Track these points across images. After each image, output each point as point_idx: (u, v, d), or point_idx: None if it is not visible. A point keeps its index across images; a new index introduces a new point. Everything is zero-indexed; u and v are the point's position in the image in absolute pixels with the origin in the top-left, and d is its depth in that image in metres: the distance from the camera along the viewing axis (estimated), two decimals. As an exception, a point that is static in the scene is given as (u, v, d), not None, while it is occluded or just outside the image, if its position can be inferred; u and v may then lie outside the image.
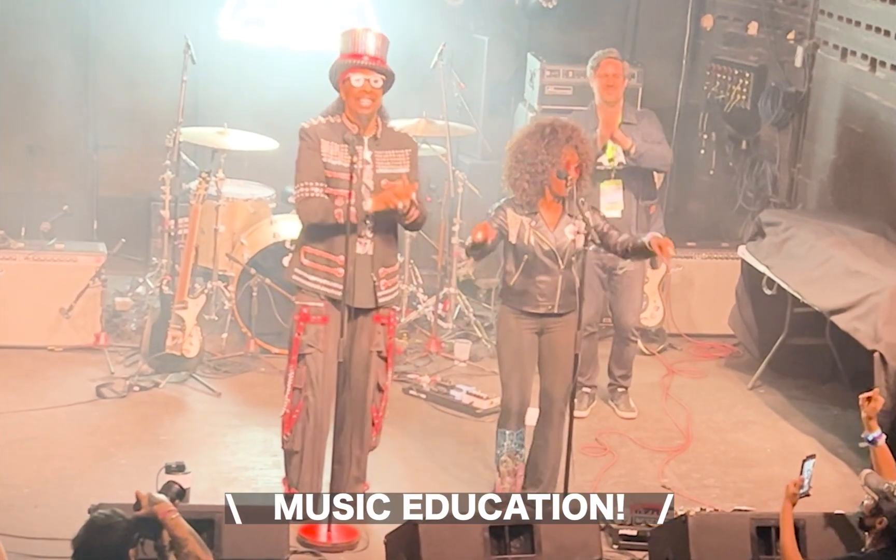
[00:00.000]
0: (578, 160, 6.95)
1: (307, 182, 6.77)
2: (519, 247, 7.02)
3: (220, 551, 6.02)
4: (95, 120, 10.38)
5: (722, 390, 9.19)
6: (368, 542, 6.79)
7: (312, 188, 6.75)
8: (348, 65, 6.74)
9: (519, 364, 7.12)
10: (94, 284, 8.86)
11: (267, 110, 9.89)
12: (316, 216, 6.77)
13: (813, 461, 5.94)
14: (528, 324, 7.08)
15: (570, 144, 6.93)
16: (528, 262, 7.01)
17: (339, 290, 6.76)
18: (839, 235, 8.57)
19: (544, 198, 7.00)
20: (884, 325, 7.69)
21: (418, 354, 9.26)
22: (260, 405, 8.28)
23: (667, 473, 7.87)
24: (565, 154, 6.93)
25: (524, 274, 7.04)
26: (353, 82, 6.73)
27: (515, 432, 7.22)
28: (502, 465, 7.26)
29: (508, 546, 6.22)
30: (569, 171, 6.89)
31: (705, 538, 6.33)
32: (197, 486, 6.89)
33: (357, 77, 6.73)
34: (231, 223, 9.20)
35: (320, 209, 6.75)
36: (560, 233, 7.01)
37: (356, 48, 6.76)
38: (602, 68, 8.34)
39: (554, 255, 7.00)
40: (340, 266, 6.76)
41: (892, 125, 8.96)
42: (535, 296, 7.04)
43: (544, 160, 6.94)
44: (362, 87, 6.73)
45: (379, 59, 6.77)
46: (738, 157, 10.71)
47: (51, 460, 7.42)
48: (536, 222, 7.00)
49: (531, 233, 7.00)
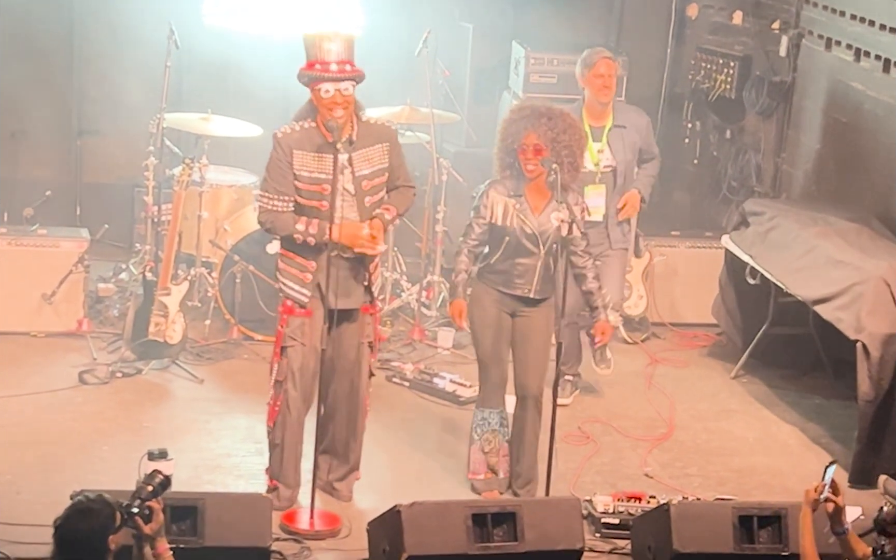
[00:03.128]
0: (538, 143, 6.90)
1: (270, 194, 6.74)
2: (501, 228, 7.01)
3: (203, 538, 6.03)
4: (79, 106, 10.34)
5: (705, 379, 9.20)
6: (351, 530, 6.79)
7: (275, 201, 6.73)
8: (316, 77, 6.63)
9: (495, 341, 7.12)
10: (77, 270, 8.83)
11: (251, 97, 9.88)
12: (274, 230, 6.82)
13: (834, 467, 5.94)
14: (501, 302, 7.09)
15: (533, 126, 6.90)
16: (510, 243, 7.02)
17: (307, 295, 6.77)
18: (823, 225, 8.58)
19: (531, 183, 6.99)
20: (867, 314, 7.70)
21: (402, 342, 9.25)
22: (243, 392, 8.26)
23: (649, 462, 7.88)
24: (525, 134, 6.92)
25: (504, 255, 7.04)
26: (322, 94, 6.63)
27: (496, 411, 7.23)
28: (485, 443, 7.25)
29: (491, 534, 6.23)
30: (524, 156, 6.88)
31: (687, 527, 6.35)
32: (179, 472, 6.88)
33: (327, 88, 6.62)
34: (214, 210, 9.18)
35: (278, 224, 6.75)
36: (545, 218, 7.00)
37: (322, 56, 6.61)
38: (597, 68, 8.25)
39: (536, 239, 6.99)
40: (310, 272, 6.76)
41: (876, 115, 8.97)
42: (514, 278, 7.04)
43: (509, 137, 6.99)
44: (332, 98, 6.62)
45: (347, 63, 6.64)
46: (722, 147, 10.72)
47: (33, 446, 7.39)
48: (521, 205, 7.00)
49: (515, 215, 6.99)
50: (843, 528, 5.91)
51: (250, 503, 6.32)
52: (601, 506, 6.98)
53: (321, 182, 6.68)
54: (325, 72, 6.61)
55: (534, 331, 7.12)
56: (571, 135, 6.99)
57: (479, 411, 7.29)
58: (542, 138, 6.90)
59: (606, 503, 6.99)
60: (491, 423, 7.25)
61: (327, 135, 6.65)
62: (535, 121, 6.94)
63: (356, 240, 6.72)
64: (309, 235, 6.67)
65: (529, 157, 6.92)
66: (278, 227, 6.78)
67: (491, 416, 7.24)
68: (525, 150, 6.93)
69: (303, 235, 6.68)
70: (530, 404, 7.18)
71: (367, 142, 6.81)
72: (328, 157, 6.64)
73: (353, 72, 6.66)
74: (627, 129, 8.40)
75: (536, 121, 6.94)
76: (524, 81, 10.02)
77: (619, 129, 8.37)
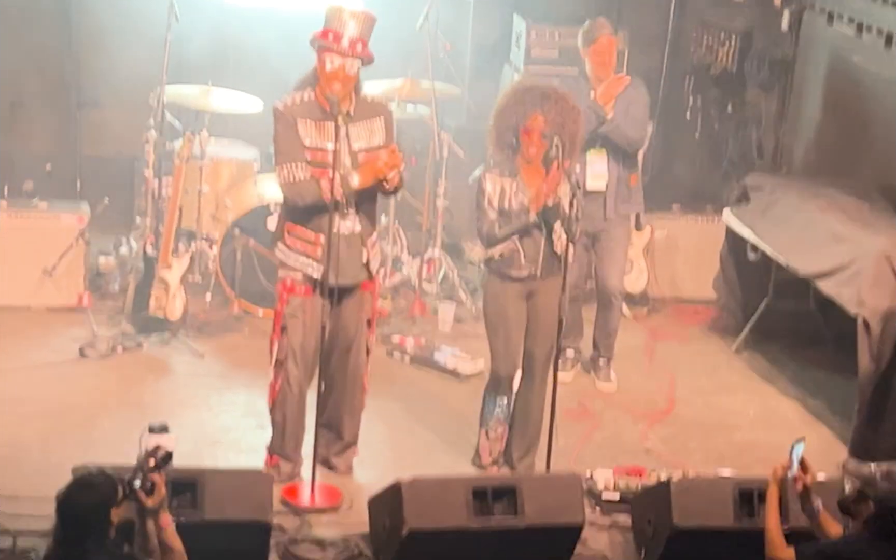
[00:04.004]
0: (544, 127, 6.86)
1: (289, 164, 6.68)
2: (501, 212, 6.98)
3: (204, 513, 6.03)
4: (79, 78, 10.30)
5: (705, 354, 9.20)
6: (352, 504, 6.80)
7: (296, 171, 6.67)
8: (325, 46, 6.62)
9: (506, 330, 7.10)
10: (78, 244, 8.82)
11: (252, 70, 9.84)
12: (304, 200, 6.71)
13: (802, 445, 5.93)
14: (513, 288, 7.06)
15: (538, 109, 6.86)
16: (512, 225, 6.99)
17: (317, 269, 6.74)
18: (824, 199, 8.57)
19: (528, 164, 6.95)
20: (868, 289, 7.69)
21: (402, 317, 9.24)
22: (243, 367, 8.26)
23: (650, 437, 7.88)
24: (530, 117, 6.87)
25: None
26: (327, 64, 6.62)
27: (505, 397, 7.22)
28: (491, 430, 7.25)
29: (492, 508, 6.23)
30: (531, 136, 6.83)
31: (688, 502, 6.35)
32: (180, 447, 6.80)
33: (332, 59, 6.61)
34: (215, 184, 9.16)
35: (308, 193, 6.67)
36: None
37: (338, 27, 6.60)
38: (598, 44, 8.20)
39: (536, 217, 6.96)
40: (320, 246, 6.73)
41: (877, 89, 8.95)
42: (519, 259, 7.02)
43: (510, 118, 6.92)
44: (335, 71, 6.60)
45: (360, 42, 6.62)
46: (723, 121, 10.68)
47: (33, 420, 7.40)
48: (518, 185, 6.97)
49: (512, 197, 6.96)
50: (813, 508, 5.90)
51: (251, 478, 6.32)
52: (601, 481, 6.98)
53: (321, 150, 6.66)
54: (336, 43, 6.60)
55: (543, 307, 7.07)
56: (577, 122, 6.96)
57: (488, 396, 7.26)
58: (549, 123, 6.85)
59: (607, 478, 7.00)
60: (499, 411, 7.22)
61: (326, 105, 6.65)
62: (543, 103, 6.87)
63: (378, 170, 6.67)
64: (337, 189, 6.60)
65: (534, 140, 6.87)
66: (307, 195, 6.68)
67: (500, 404, 7.22)
68: (531, 132, 6.87)
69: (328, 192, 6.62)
70: (537, 379, 7.16)
71: (365, 116, 6.80)
72: (329, 125, 6.62)
73: (363, 53, 6.65)
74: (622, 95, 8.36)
75: (545, 103, 6.87)
76: (526, 55, 9.99)
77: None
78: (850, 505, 5.63)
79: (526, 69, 9.85)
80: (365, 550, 6.41)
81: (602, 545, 6.67)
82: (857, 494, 5.59)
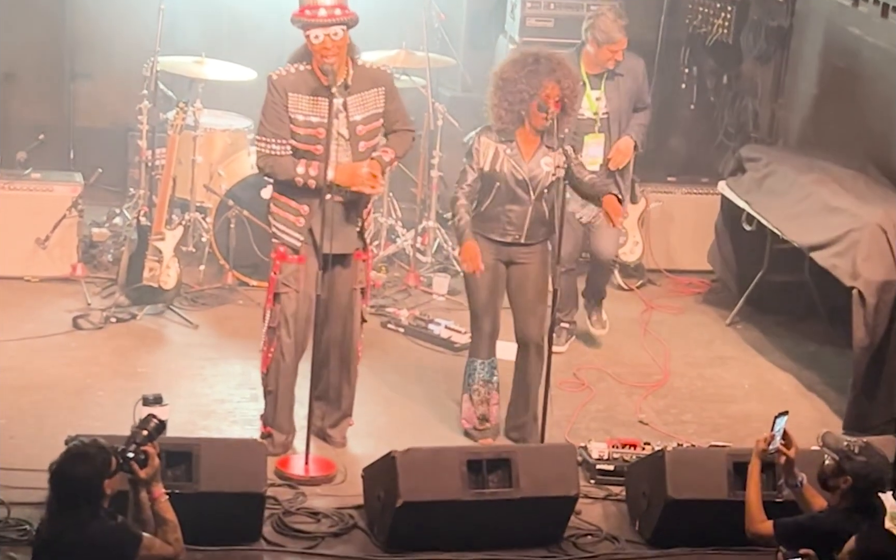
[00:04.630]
0: (560, 94, 6.87)
1: (268, 138, 6.69)
2: (491, 174, 6.97)
3: (198, 484, 6.03)
4: (72, 48, 10.26)
5: (700, 326, 9.19)
6: (346, 476, 6.80)
7: (273, 145, 6.68)
8: (306, 23, 6.57)
9: (487, 290, 7.09)
10: (71, 215, 8.80)
11: (245, 40, 9.81)
12: (274, 175, 6.76)
13: (785, 419, 5.92)
14: (494, 251, 7.05)
15: (552, 77, 6.86)
16: (500, 189, 6.98)
17: (299, 240, 6.75)
18: (820, 171, 8.55)
19: (522, 128, 6.95)
20: (863, 261, 7.69)
21: (396, 288, 9.23)
22: (237, 338, 8.25)
23: (644, 409, 7.88)
24: (546, 86, 6.86)
25: (495, 201, 7.01)
26: (312, 40, 6.58)
27: (487, 361, 7.21)
28: (474, 393, 7.24)
29: (486, 480, 6.24)
30: (549, 105, 6.83)
31: (682, 473, 6.36)
32: (174, 418, 6.88)
33: (316, 34, 6.56)
34: (209, 154, 9.14)
35: (279, 169, 6.71)
36: (535, 164, 6.97)
37: (311, 1, 6.54)
38: (615, 45, 8.14)
39: (526, 185, 6.96)
40: (303, 216, 6.73)
41: (874, 60, 8.92)
42: (504, 224, 7.01)
43: (523, 90, 6.88)
44: (322, 44, 6.56)
45: (337, 7, 6.56)
46: (719, 92, 10.66)
47: (27, 391, 7.39)
48: (512, 151, 6.96)
49: (505, 160, 6.95)
50: (796, 481, 5.90)
51: (245, 449, 6.32)
52: (596, 452, 6.99)
53: (316, 126, 6.65)
54: (314, 18, 6.56)
55: (529, 278, 7.09)
56: (578, 88, 6.98)
57: (470, 361, 7.27)
58: (562, 92, 6.84)
59: (601, 450, 7.00)
60: (481, 373, 7.22)
61: (322, 78, 6.61)
62: (554, 71, 6.85)
63: (355, 179, 6.68)
64: (310, 178, 6.63)
65: (551, 108, 6.83)
66: (278, 172, 6.73)
67: (482, 366, 7.22)
68: (549, 100, 6.81)
69: (303, 178, 6.64)
70: (532, 351, 7.16)
71: (362, 86, 6.76)
72: (323, 101, 6.61)
73: (343, 16, 6.58)
74: (624, 77, 8.35)
75: (558, 71, 6.85)
76: (521, 25, 9.94)
77: (617, 76, 8.31)
78: (828, 478, 5.64)
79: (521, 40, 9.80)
80: (359, 521, 6.42)
81: (596, 516, 6.68)
82: (835, 468, 5.60)
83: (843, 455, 5.60)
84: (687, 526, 6.39)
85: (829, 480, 5.64)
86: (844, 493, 5.57)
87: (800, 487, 5.89)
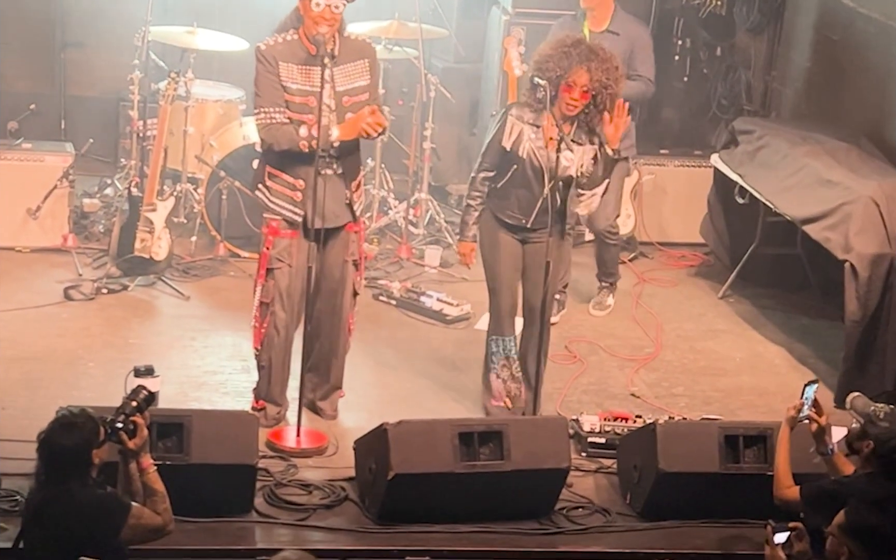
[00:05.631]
0: (588, 84, 6.74)
1: (267, 108, 6.66)
2: (511, 154, 6.90)
3: (190, 456, 6.02)
4: (63, 18, 10.20)
5: (692, 299, 9.19)
6: (338, 448, 6.79)
7: (274, 114, 6.65)
8: None
9: (505, 270, 7.04)
10: (62, 185, 8.77)
11: (236, 10, 9.77)
12: (279, 145, 6.69)
13: (815, 387, 5.93)
14: (510, 228, 7.01)
15: (584, 64, 6.74)
16: (516, 171, 6.91)
17: (299, 214, 6.73)
18: (813, 144, 8.54)
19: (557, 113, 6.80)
20: (855, 234, 7.68)
21: (388, 260, 9.21)
22: (229, 309, 8.23)
23: (636, 382, 7.88)
24: (575, 71, 6.77)
25: (510, 182, 6.94)
26: (313, 7, 6.55)
27: (510, 338, 7.15)
28: (502, 370, 7.18)
29: (478, 452, 6.24)
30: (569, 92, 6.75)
31: (673, 446, 6.37)
32: (166, 389, 6.88)
33: (318, 1, 6.54)
34: (200, 124, 9.10)
35: (283, 138, 6.66)
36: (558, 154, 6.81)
37: None
38: None
39: (541, 173, 6.88)
40: (301, 190, 6.71)
41: (867, 32, 8.90)
42: (513, 206, 6.96)
43: (554, 68, 6.79)
44: (321, 13, 6.54)
45: None
46: (712, 64, 10.63)
47: (18, 362, 7.37)
48: (537, 136, 6.87)
49: (527, 144, 6.89)
50: (827, 449, 5.92)
51: (237, 420, 6.32)
52: (588, 425, 6.98)
53: (307, 94, 6.62)
54: None
55: (539, 255, 6.94)
56: (618, 84, 6.84)
57: (492, 339, 7.18)
58: (592, 81, 6.76)
59: (593, 423, 7.00)
60: (508, 349, 7.16)
61: (311, 47, 6.59)
62: (587, 59, 6.76)
63: (358, 126, 6.64)
64: (313, 139, 6.58)
65: (576, 97, 6.76)
66: (282, 140, 6.67)
67: (507, 342, 7.15)
68: (572, 88, 6.75)
69: (307, 140, 6.60)
70: (536, 324, 7.07)
71: (349, 57, 6.75)
72: (314, 70, 6.59)
73: None
74: (620, 36, 8.35)
75: (590, 60, 6.76)
76: (514, -4, 9.90)
77: (610, 34, 8.32)
78: (853, 442, 5.68)
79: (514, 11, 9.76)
80: (351, 494, 6.41)
81: (588, 489, 6.68)
82: (860, 432, 5.63)
83: (868, 419, 5.65)
84: (678, 499, 6.40)
85: (854, 443, 5.68)
86: (867, 458, 5.60)
87: (830, 455, 5.91)
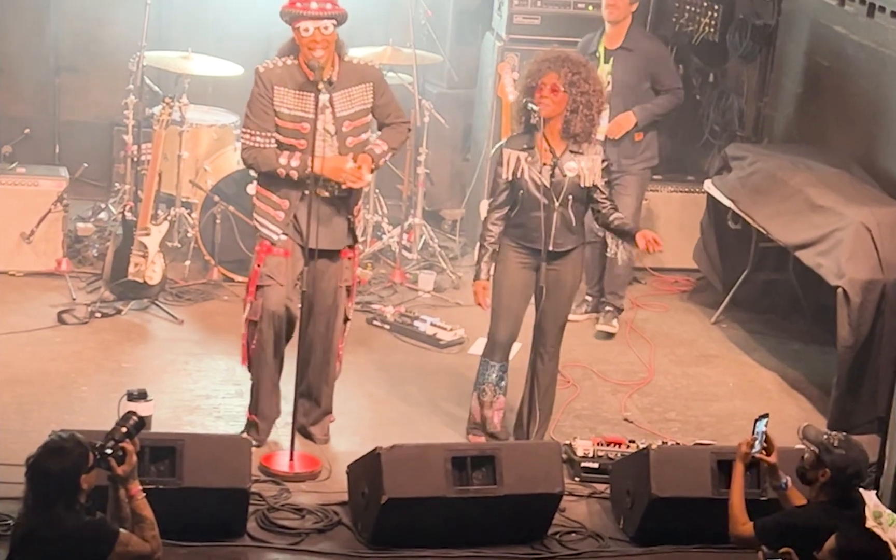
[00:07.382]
0: (557, 82, 6.81)
1: (252, 130, 6.72)
2: (515, 183, 6.94)
3: (182, 480, 6.02)
4: (57, 42, 10.22)
5: (685, 324, 9.20)
6: (331, 472, 6.79)
7: (256, 137, 6.71)
8: (296, 15, 6.59)
9: (510, 298, 7.05)
10: (56, 209, 8.77)
11: (232, 35, 9.79)
12: (258, 167, 6.78)
13: (765, 420, 5.92)
14: (524, 258, 7.00)
15: (554, 68, 6.84)
16: (524, 197, 6.93)
17: (278, 233, 6.76)
18: (805, 170, 8.57)
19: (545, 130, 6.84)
20: (847, 260, 7.71)
21: (382, 285, 9.22)
22: (222, 333, 8.24)
23: (629, 407, 7.89)
24: (546, 74, 6.85)
25: (521, 209, 6.96)
26: (302, 33, 6.60)
27: (499, 365, 7.17)
28: (482, 394, 7.20)
29: (471, 477, 6.24)
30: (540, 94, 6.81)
31: (666, 471, 6.37)
32: (159, 413, 6.87)
33: (306, 26, 6.57)
34: (195, 149, 9.12)
35: (261, 161, 6.73)
36: (559, 169, 6.86)
37: None
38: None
39: (548, 190, 6.87)
40: (282, 210, 6.75)
41: (859, 59, 8.94)
42: (531, 231, 6.95)
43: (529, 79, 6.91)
44: (312, 37, 6.58)
45: (328, 1, 6.58)
46: (705, 90, 10.66)
47: (11, 386, 7.37)
48: (532, 157, 6.92)
49: (525, 168, 6.92)
50: (779, 483, 5.90)
51: (229, 444, 6.32)
52: (581, 450, 6.99)
53: (301, 120, 6.66)
54: (305, 10, 6.58)
55: (559, 285, 6.99)
56: (592, 85, 6.89)
57: (483, 362, 7.21)
58: (561, 79, 6.83)
59: (586, 447, 7.00)
60: (490, 376, 7.18)
61: (309, 73, 6.62)
62: (557, 63, 6.88)
63: (340, 172, 6.69)
64: (291, 169, 6.64)
65: (545, 94, 6.83)
66: (261, 163, 6.74)
67: (492, 369, 7.17)
68: (542, 89, 6.84)
69: (285, 169, 6.66)
70: (547, 351, 7.10)
71: (349, 82, 6.77)
72: (309, 96, 6.62)
73: (333, 10, 6.61)
74: (634, 52, 8.40)
75: (558, 63, 6.88)
76: (507, 22, 9.91)
77: (624, 51, 8.38)
78: (807, 472, 5.65)
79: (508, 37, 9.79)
80: (343, 518, 6.42)
81: (581, 514, 6.68)
82: (814, 461, 5.61)
83: (823, 447, 5.60)
84: (671, 524, 6.40)
85: (808, 473, 5.65)
86: (823, 487, 5.58)
87: (784, 489, 5.89)
